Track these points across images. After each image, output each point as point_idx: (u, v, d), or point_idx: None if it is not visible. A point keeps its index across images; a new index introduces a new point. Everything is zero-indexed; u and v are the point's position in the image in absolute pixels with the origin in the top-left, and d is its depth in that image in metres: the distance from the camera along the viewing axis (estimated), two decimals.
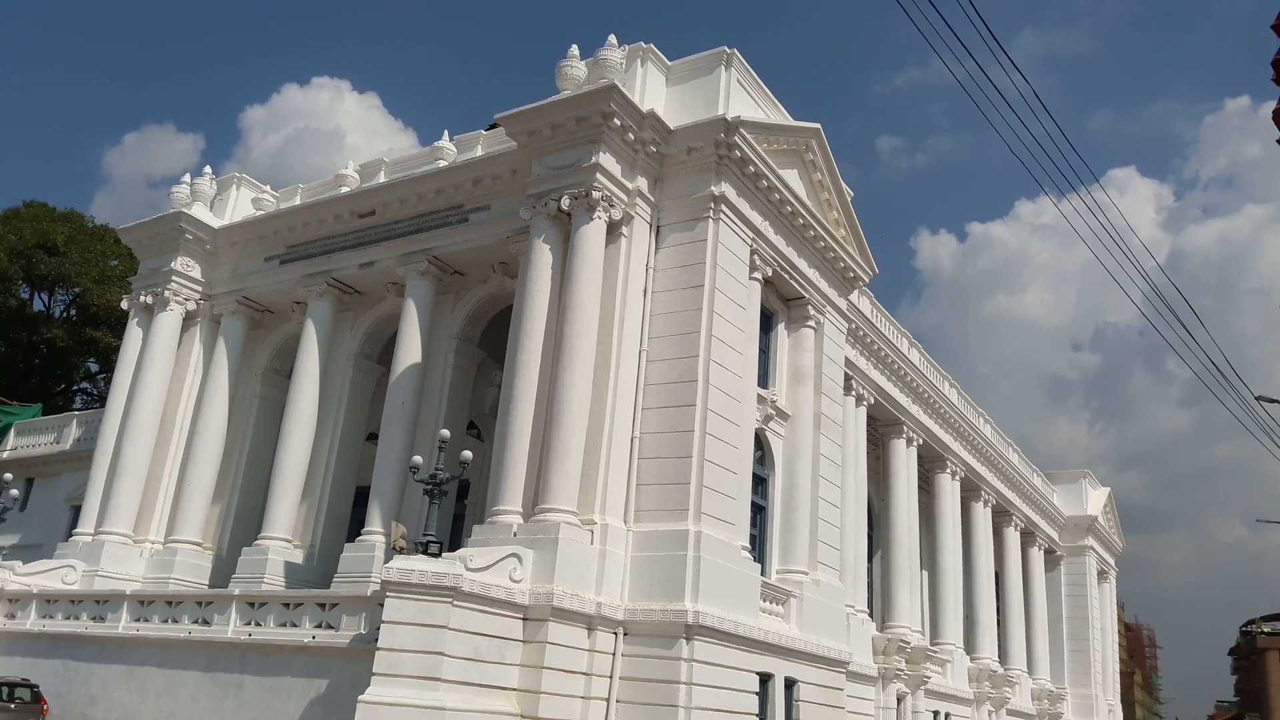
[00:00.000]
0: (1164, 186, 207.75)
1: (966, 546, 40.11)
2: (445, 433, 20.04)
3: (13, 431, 39.64)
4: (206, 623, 20.57)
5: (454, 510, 26.25)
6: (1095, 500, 53.98)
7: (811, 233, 25.65)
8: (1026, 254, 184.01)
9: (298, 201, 30.08)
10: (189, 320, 30.17)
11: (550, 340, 21.06)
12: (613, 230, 21.81)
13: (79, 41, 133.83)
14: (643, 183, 22.48)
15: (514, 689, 17.74)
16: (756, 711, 20.53)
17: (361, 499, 26.28)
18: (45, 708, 20.86)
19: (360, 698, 16.12)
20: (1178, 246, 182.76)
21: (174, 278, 29.67)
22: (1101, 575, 54.67)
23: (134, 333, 30.09)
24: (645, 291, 22.05)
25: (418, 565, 16.91)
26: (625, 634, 19.34)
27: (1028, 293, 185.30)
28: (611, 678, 18.98)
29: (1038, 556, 48.99)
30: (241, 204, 31.56)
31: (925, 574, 37.73)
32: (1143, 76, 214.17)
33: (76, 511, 30.28)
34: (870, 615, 31.16)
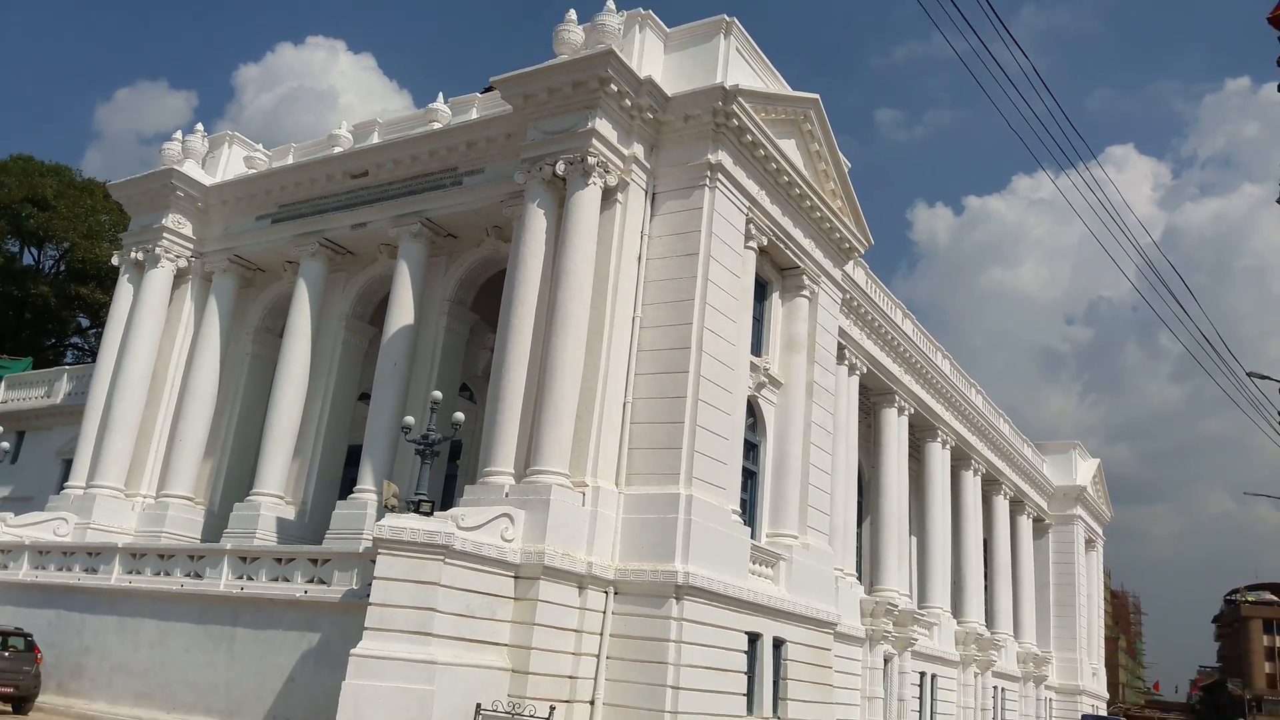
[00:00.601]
0: (1162, 165, 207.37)
1: (956, 514, 40.56)
2: (437, 394, 20.11)
3: (3, 385, 39.61)
4: (199, 576, 20.75)
5: (446, 471, 26.42)
6: (1084, 471, 54.52)
7: (808, 203, 25.60)
8: (1022, 228, 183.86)
9: (290, 161, 29.86)
10: (180, 278, 30.06)
11: (543, 305, 21.07)
12: (608, 196, 21.73)
13: None
14: (639, 149, 22.37)
15: (505, 644, 18.00)
16: (745, 669, 20.90)
17: (353, 458, 26.41)
18: (39, 656, 21.08)
19: (352, 651, 16.34)
20: (1173, 224, 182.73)
21: (165, 235, 29.51)
22: (1089, 544, 55.38)
23: (125, 289, 30.00)
24: (640, 258, 22.03)
25: (410, 523, 17.07)
26: (616, 593, 19.61)
27: (1023, 266, 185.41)
28: (602, 635, 19.27)
29: (1026, 525, 49.56)
30: (234, 162, 31.33)
31: (914, 540, 38.18)
32: (1143, 55, 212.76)
33: (68, 465, 30.41)
34: (859, 579, 31.58)
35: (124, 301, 29.80)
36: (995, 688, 41.02)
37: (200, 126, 31.51)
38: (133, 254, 29.89)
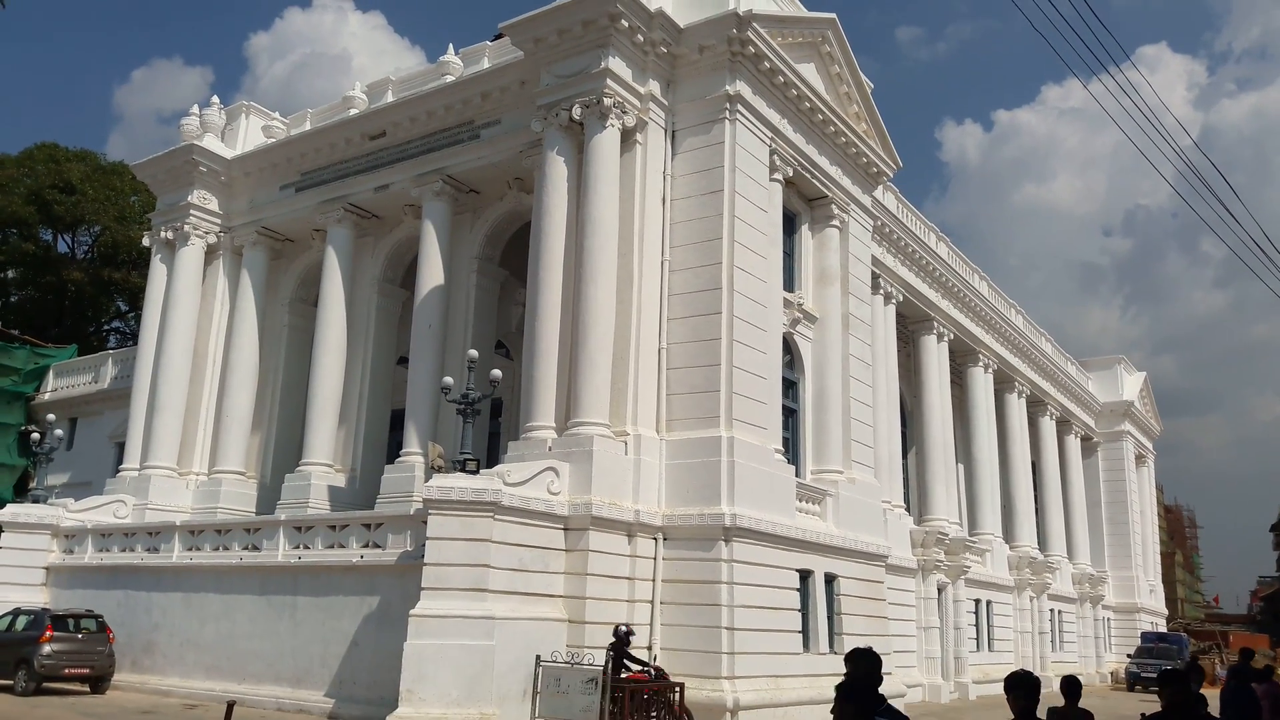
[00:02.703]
0: (1196, 62, 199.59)
1: (1001, 438, 40.08)
2: (474, 353, 20.06)
3: (51, 373, 40.40)
4: (256, 548, 21.15)
5: (489, 429, 26.54)
6: (1131, 385, 53.56)
7: (832, 129, 24.92)
8: (1054, 140, 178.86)
9: (308, 127, 29.66)
10: (211, 253, 30.19)
11: (571, 255, 20.82)
12: (627, 138, 21.29)
13: None
14: (655, 86, 21.83)
15: (560, 595, 18.15)
16: (798, 607, 20.93)
17: (397, 422, 26.61)
18: (112, 636, 21.72)
19: (411, 612, 16.56)
20: (1210, 123, 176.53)
21: (192, 211, 29.59)
22: (1139, 459, 54.61)
23: (158, 269, 30.22)
24: (664, 200, 21.64)
25: (457, 483, 17.15)
26: (665, 539, 19.64)
27: (1057, 180, 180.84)
28: (654, 581, 19.35)
29: (1074, 444, 48.92)
30: (252, 132, 31.20)
31: (961, 467, 37.84)
32: None
33: (121, 448, 31.04)
34: (907, 510, 31.39)
35: (159, 282, 30.06)
36: (1052, 610, 40.86)
37: (216, 99, 31.39)
38: (162, 233, 30.05)
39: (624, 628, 17.33)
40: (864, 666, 5.94)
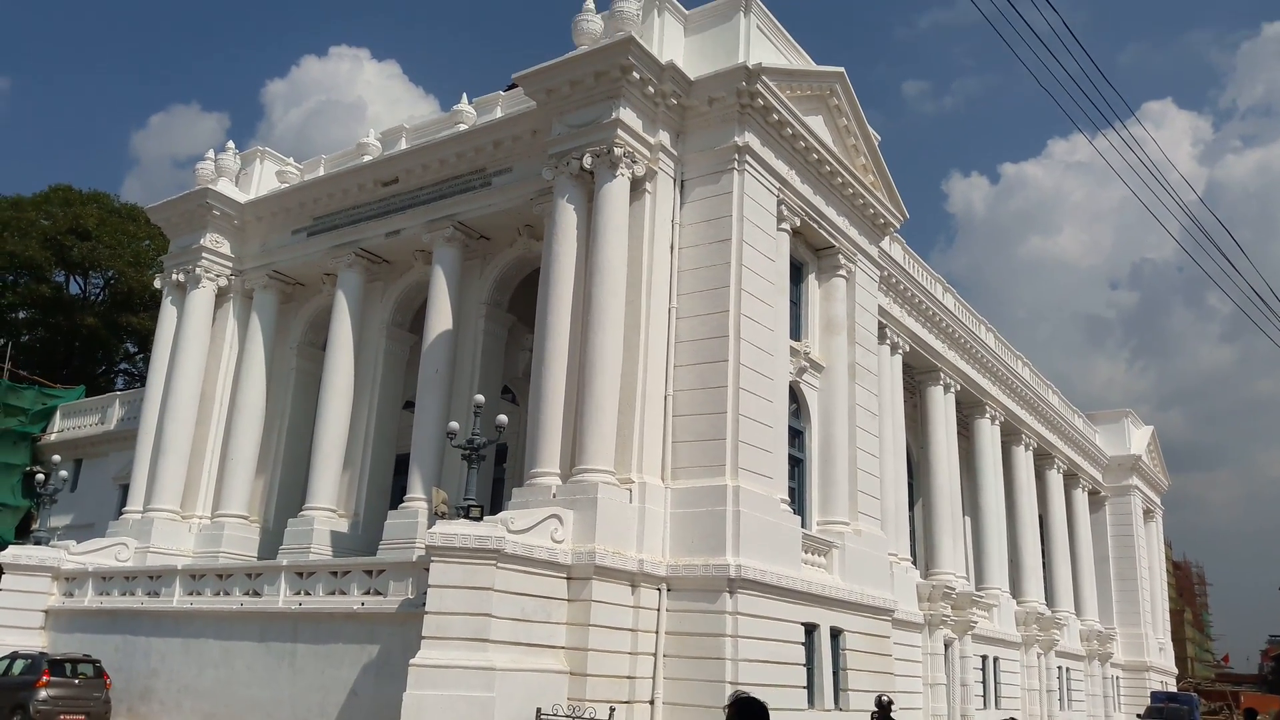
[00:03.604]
0: (1201, 119, 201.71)
1: (1009, 491, 39.80)
2: (480, 398, 20.07)
3: (58, 414, 40.47)
4: (257, 594, 20.95)
5: (493, 474, 26.45)
6: (1138, 439, 53.28)
7: (839, 180, 25.17)
8: (1061, 193, 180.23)
9: (321, 173, 30.07)
10: (221, 296, 30.42)
11: (579, 301, 20.93)
12: (636, 187, 21.53)
13: (101, 24, 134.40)
14: (665, 136, 22.12)
15: (562, 647, 17.91)
16: (804, 661, 20.60)
17: (402, 467, 26.52)
18: (108, 682, 21.44)
19: (411, 661, 16.35)
20: (1215, 178, 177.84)
21: (204, 254, 29.87)
22: (1147, 514, 54.10)
23: (168, 311, 30.42)
24: (672, 247, 21.80)
25: (460, 529, 17.03)
26: (669, 589, 19.42)
27: (1063, 233, 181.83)
28: (657, 633, 19.10)
29: (1082, 498, 48.53)
30: (266, 177, 31.62)
31: (968, 520, 37.52)
32: (1174, 5, 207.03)
33: (125, 490, 30.93)
34: (914, 563, 31.09)
35: (169, 324, 30.23)
36: (1060, 668, 40.20)
37: (231, 144, 31.86)
38: (174, 276, 30.30)
39: (885, 697, 17.07)
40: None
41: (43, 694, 20.25)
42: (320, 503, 26.22)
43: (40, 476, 27.70)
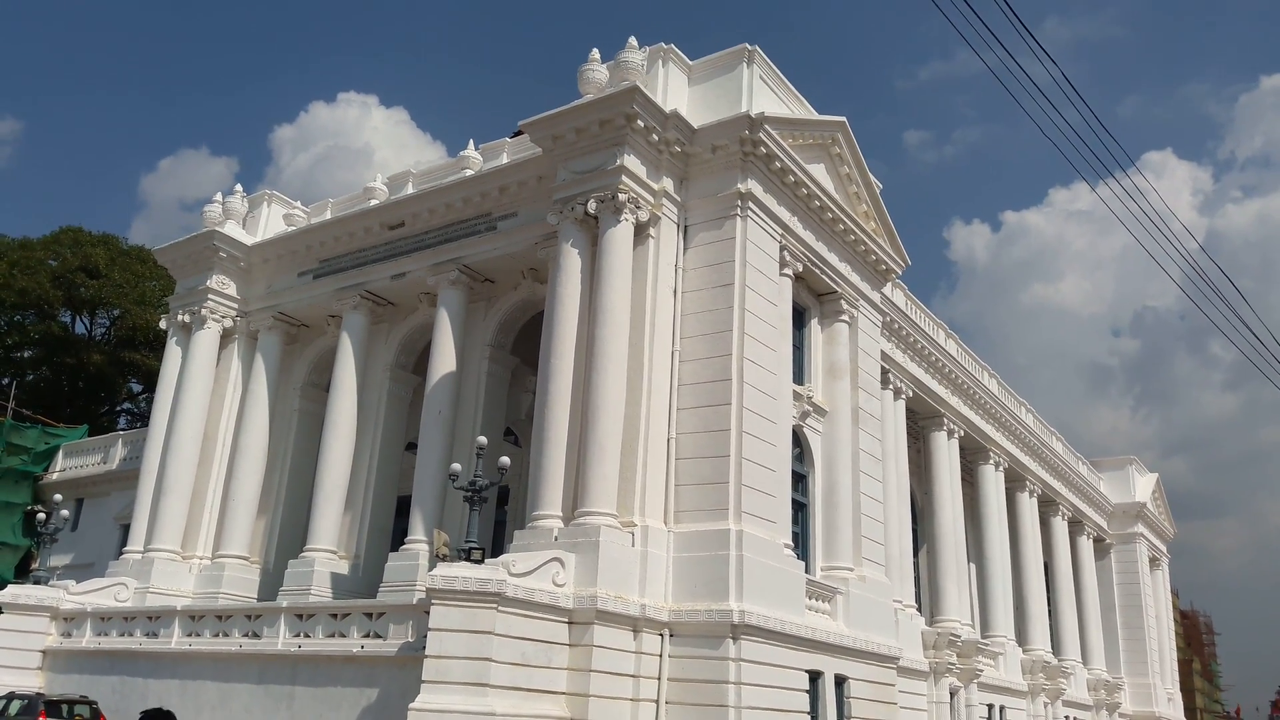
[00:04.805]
0: (1201, 169, 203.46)
1: (1013, 537, 39.51)
2: (482, 440, 20.10)
3: (60, 453, 40.47)
4: (256, 635, 20.81)
5: (495, 516, 26.35)
6: (1143, 486, 52.98)
7: (841, 226, 25.43)
8: (1062, 241, 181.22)
9: (328, 216, 30.38)
10: (226, 337, 30.58)
11: (582, 344, 21.05)
12: (640, 232, 21.77)
13: (112, 69, 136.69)
14: (668, 183, 22.42)
15: (562, 692, 17.73)
16: (808, 709, 20.35)
17: (403, 508, 26.45)
18: None
19: (410, 705, 16.19)
20: (1215, 228, 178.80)
21: (210, 295, 30.09)
22: (1153, 562, 53.63)
23: (173, 351, 30.56)
24: (675, 292, 21.98)
25: (461, 572, 16.97)
26: (671, 635, 19.26)
27: (1064, 280, 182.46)
28: (659, 679, 18.91)
29: (1087, 545, 48.15)
30: (273, 220, 31.96)
31: (973, 567, 37.23)
32: (1172, 59, 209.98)
33: (126, 530, 30.83)
34: (919, 610, 30.78)
35: (173, 364, 30.35)
36: (1067, 717, 39.57)
37: (239, 187, 32.25)
38: (179, 316, 30.50)
39: None
40: None
41: None
42: (321, 544, 26.11)
43: (41, 516, 27.67)
